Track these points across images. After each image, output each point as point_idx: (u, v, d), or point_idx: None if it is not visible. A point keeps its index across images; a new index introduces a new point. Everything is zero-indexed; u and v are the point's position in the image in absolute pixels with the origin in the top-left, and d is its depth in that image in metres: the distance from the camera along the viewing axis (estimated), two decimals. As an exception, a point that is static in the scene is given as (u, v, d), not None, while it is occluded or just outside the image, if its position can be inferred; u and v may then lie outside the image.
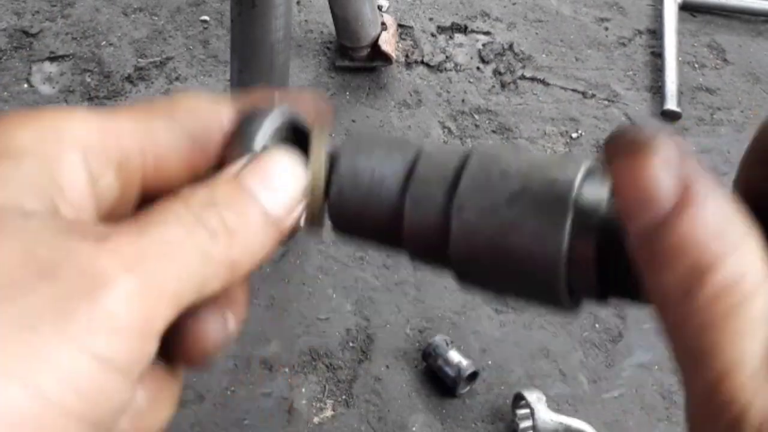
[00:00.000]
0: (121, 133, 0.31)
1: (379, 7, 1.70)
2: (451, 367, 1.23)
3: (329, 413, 1.24)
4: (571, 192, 0.30)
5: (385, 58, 1.62)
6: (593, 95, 1.67)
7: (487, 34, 1.76)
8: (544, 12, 1.82)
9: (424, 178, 0.33)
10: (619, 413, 1.27)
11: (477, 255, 0.32)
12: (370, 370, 1.28)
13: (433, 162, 0.34)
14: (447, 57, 1.71)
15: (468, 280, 0.34)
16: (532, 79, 1.69)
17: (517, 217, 0.31)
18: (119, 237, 0.27)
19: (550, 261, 0.30)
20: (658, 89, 1.68)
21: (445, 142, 1.53)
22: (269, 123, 0.33)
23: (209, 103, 0.34)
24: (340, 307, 1.34)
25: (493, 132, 1.56)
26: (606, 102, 1.67)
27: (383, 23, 1.61)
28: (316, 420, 1.23)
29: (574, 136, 1.60)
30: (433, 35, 1.75)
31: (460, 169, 0.33)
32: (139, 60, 1.64)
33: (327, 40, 1.70)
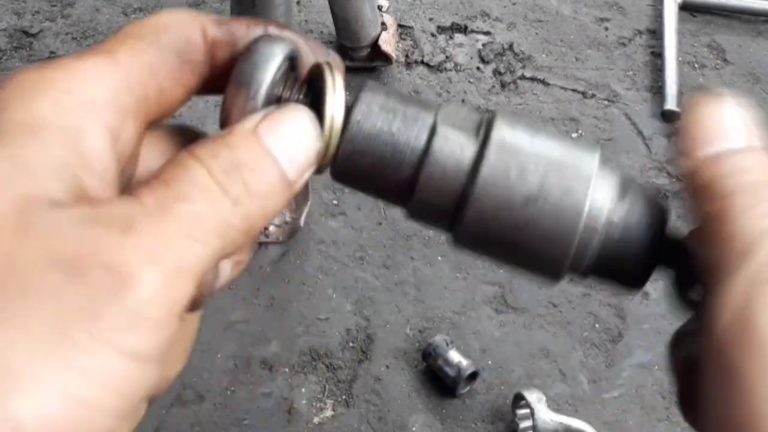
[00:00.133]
0: (129, 77, 0.30)
1: (379, 7, 1.70)
2: (451, 367, 1.23)
3: (329, 413, 1.24)
4: (585, 201, 0.32)
5: (385, 58, 1.62)
6: (593, 95, 1.67)
7: (487, 34, 1.76)
8: (544, 12, 1.82)
9: (440, 158, 0.33)
10: (619, 413, 1.27)
11: (485, 241, 0.33)
12: (370, 370, 1.28)
13: (451, 140, 0.33)
14: (447, 57, 1.71)
15: (466, 250, 0.35)
16: (532, 79, 1.69)
17: (531, 217, 0.32)
18: (142, 225, 0.27)
19: (556, 260, 0.32)
20: (658, 89, 1.68)
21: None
22: (276, 63, 0.32)
23: (189, 16, 0.33)
24: (340, 307, 1.34)
25: (493, 132, 1.56)
26: (606, 102, 1.67)
27: (383, 23, 1.61)
28: (316, 420, 1.23)
29: (574, 136, 1.60)
30: (433, 35, 1.75)
31: (479, 156, 0.32)
32: (139, 60, 1.64)
33: (327, 40, 1.70)
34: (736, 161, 0.30)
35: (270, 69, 0.32)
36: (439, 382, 1.25)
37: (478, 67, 1.70)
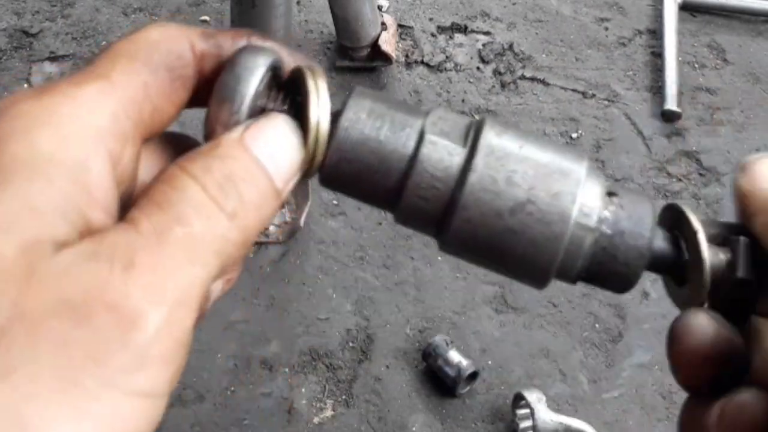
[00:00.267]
0: (126, 100, 0.30)
1: (379, 7, 1.70)
2: (451, 367, 1.23)
3: (329, 413, 1.24)
4: (573, 208, 0.32)
5: (385, 58, 1.62)
6: (593, 95, 1.68)
7: (487, 34, 1.76)
8: (544, 12, 1.82)
9: (428, 165, 0.33)
10: (619, 413, 1.27)
11: (472, 247, 0.33)
12: (370, 370, 1.28)
13: (439, 146, 0.33)
14: (447, 57, 1.71)
15: (453, 255, 0.35)
16: (532, 79, 1.69)
17: (518, 224, 0.32)
18: (142, 258, 0.27)
19: (542, 267, 0.32)
20: (658, 89, 1.68)
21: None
22: (259, 76, 0.32)
23: (177, 31, 0.33)
24: (340, 307, 1.34)
25: (493, 132, 1.56)
26: (606, 102, 1.67)
27: (383, 23, 1.61)
28: (316, 420, 1.23)
29: (574, 136, 1.60)
30: (433, 35, 1.75)
31: (467, 163, 0.32)
32: (139, 60, 1.64)
33: (327, 40, 1.70)
34: None
35: (253, 82, 0.32)
36: (439, 382, 1.26)
37: (478, 67, 1.70)
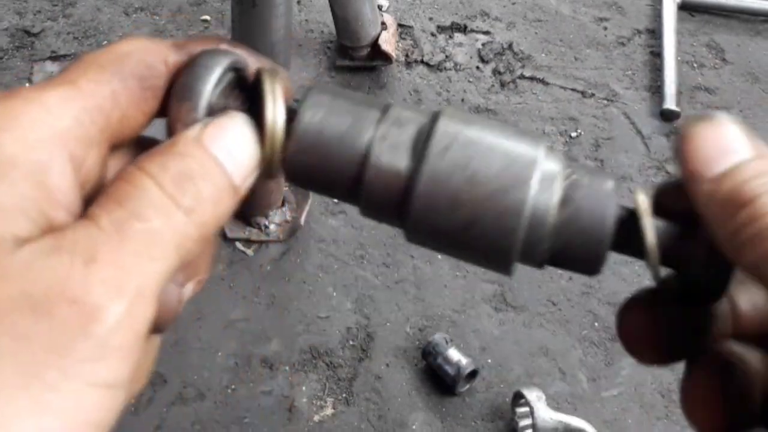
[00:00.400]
0: (91, 106, 0.31)
1: (379, 7, 1.70)
2: (450, 366, 1.24)
3: (329, 411, 1.24)
4: (529, 193, 0.32)
5: (385, 58, 1.62)
6: (592, 95, 1.68)
7: (486, 33, 1.77)
8: (543, 12, 1.82)
9: (383, 156, 0.33)
10: (619, 411, 1.27)
11: (435, 236, 0.33)
12: (370, 368, 1.28)
13: (394, 137, 0.33)
14: (447, 56, 1.71)
15: (419, 245, 0.35)
16: (532, 78, 1.69)
17: (476, 211, 0.32)
18: (103, 253, 0.28)
19: (504, 253, 0.32)
20: (657, 89, 1.69)
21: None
22: (216, 75, 0.33)
23: (149, 44, 0.34)
24: (341, 305, 1.34)
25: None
26: (605, 101, 1.67)
27: (383, 23, 1.61)
28: (316, 418, 1.23)
29: (573, 135, 1.60)
30: (432, 35, 1.75)
31: (422, 152, 0.33)
32: (140, 59, 1.64)
33: (327, 40, 1.70)
34: (753, 168, 0.29)
35: (211, 80, 0.33)
36: (438, 380, 1.26)
37: (478, 67, 1.70)
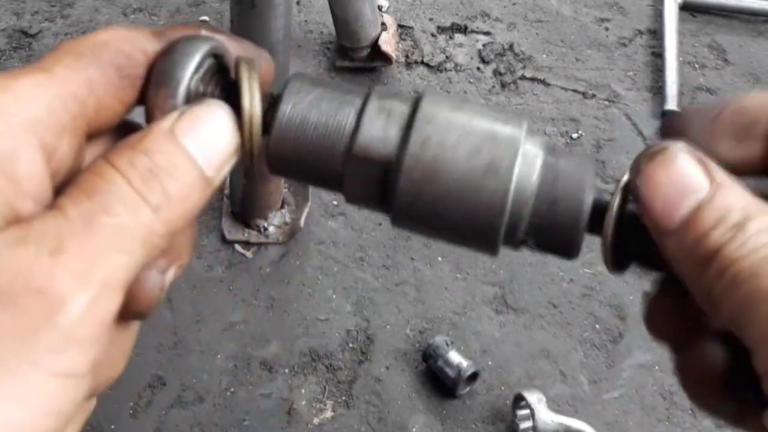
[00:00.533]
0: (65, 93, 0.31)
1: (379, 8, 1.69)
2: (451, 368, 1.23)
3: (329, 414, 1.24)
4: (513, 173, 0.32)
5: (385, 59, 1.61)
6: (593, 95, 1.67)
7: (487, 34, 1.76)
8: (544, 12, 1.82)
9: (366, 143, 0.33)
10: (620, 414, 1.27)
11: (418, 220, 0.33)
12: (370, 370, 1.28)
13: (376, 125, 0.33)
14: (447, 57, 1.71)
15: (404, 229, 0.35)
16: (533, 79, 1.69)
17: (459, 194, 0.32)
18: (69, 244, 0.27)
19: (488, 235, 0.33)
20: (658, 89, 1.68)
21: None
22: (195, 61, 0.32)
23: (127, 33, 0.33)
24: (340, 307, 1.34)
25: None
26: (606, 102, 1.67)
27: (383, 23, 1.61)
28: (315, 421, 1.23)
29: (575, 136, 1.60)
30: (433, 35, 1.75)
31: (404, 137, 0.32)
32: (139, 60, 1.64)
33: (327, 41, 1.70)
34: (713, 209, 0.29)
35: (188, 66, 0.32)
36: (439, 382, 1.25)
37: (479, 68, 1.69)
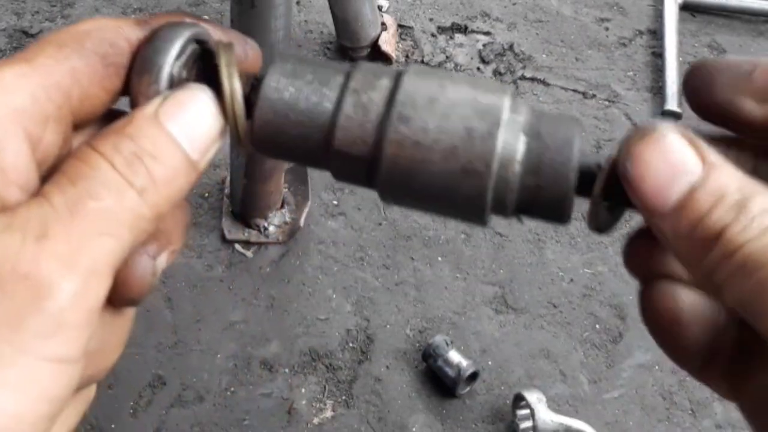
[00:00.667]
0: (48, 83, 0.31)
1: (379, 8, 1.70)
2: (451, 368, 1.23)
3: (329, 414, 1.24)
4: (497, 142, 0.32)
5: (385, 59, 1.62)
6: (594, 95, 1.67)
7: (487, 34, 1.76)
8: (544, 12, 1.82)
9: (349, 118, 0.33)
10: (620, 414, 1.27)
11: (404, 192, 0.33)
12: (370, 370, 1.28)
13: (360, 99, 0.33)
14: (447, 57, 1.71)
15: (392, 203, 0.35)
16: (533, 79, 1.69)
17: (444, 164, 0.32)
18: (55, 230, 0.27)
19: (476, 203, 0.33)
20: (658, 89, 1.68)
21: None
22: (177, 47, 0.33)
23: (111, 21, 0.33)
24: (340, 307, 1.34)
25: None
26: (606, 102, 1.67)
27: (383, 23, 1.61)
28: (316, 420, 1.23)
29: (575, 136, 1.60)
30: (433, 35, 1.75)
31: (387, 110, 0.32)
32: (139, 60, 1.64)
33: (327, 41, 1.70)
34: (708, 191, 0.29)
35: (171, 52, 0.33)
36: (439, 382, 1.25)
37: (479, 68, 1.70)
